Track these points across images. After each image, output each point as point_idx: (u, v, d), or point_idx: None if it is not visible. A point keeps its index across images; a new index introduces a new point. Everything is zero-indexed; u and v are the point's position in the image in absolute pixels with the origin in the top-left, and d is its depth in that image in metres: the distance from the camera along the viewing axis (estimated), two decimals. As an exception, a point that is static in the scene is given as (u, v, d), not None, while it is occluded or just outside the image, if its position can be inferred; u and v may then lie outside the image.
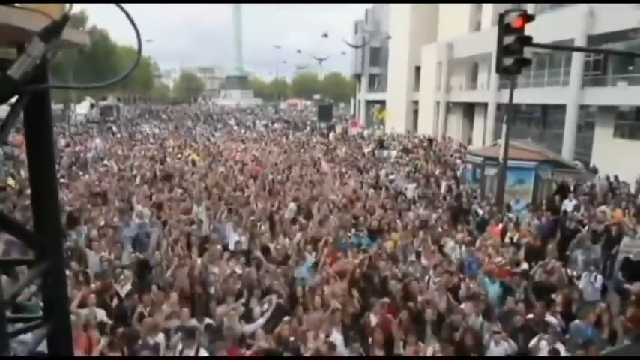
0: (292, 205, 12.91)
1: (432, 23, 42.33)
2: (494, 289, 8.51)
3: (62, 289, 1.95)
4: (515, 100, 19.30)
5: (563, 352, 6.35)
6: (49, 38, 1.55)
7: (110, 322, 6.79)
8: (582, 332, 6.87)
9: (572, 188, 16.75)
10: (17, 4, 1.59)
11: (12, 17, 1.54)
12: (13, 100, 1.58)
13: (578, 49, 23.03)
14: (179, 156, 23.86)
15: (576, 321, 7.14)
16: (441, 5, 41.68)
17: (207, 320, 6.83)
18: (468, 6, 37.91)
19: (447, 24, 40.65)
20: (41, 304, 2.04)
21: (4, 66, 1.53)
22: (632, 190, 17.78)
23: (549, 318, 7.30)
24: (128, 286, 7.95)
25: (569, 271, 10.10)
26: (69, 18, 1.59)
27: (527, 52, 7.74)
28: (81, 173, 18.96)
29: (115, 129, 39.43)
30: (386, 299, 7.52)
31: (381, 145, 31.33)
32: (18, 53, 1.64)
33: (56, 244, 1.89)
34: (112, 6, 1.62)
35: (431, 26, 42.30)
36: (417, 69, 44.34)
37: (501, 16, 7.25)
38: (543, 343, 6.50)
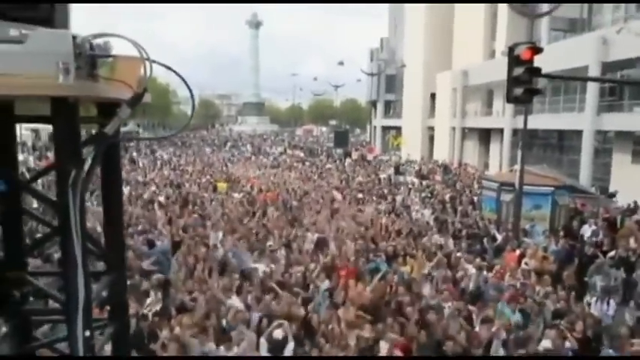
0: (311, 236, 13.03)
1: (446, 51, 42.90)
2: (514, 318, 8.49)
3: (124, 297, 2.47)
4: (531, 126, 19.42)
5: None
6: (134, 105, 2.07)
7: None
8: None
9: (591, 214, 16.67)
10: (103, 76, 2.10)
11: (101, 90, 2.07)
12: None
13: (589, 79, 23.17)
14: (198, 182, 24.29)
15: (609, 350, 7.12)
16: (455, 33, 42.30)
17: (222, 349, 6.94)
18: (481, 34, 38.41)
19: (461, 52, 41.16)
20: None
21: (86, 121, 2.16)
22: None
23: (566, 344, 7.29)
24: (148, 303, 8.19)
25: (588, 298, 10.09)
26: (147, 90, 2.10)
27: (543, 79, 7.96)
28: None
29: (134, 154, 40.28)
30: (398, 337, 7.49)
31: (397, 170, 31.50)
32: (97, 109, 2.21)
33: (121, 259, 2.39)
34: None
35: (445, 54, 42.86)
36: (432, 96, 44.75)
37: (511, 48, 7.50)
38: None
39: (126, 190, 21.53)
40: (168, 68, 2.32)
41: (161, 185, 22.56)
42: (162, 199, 18.55)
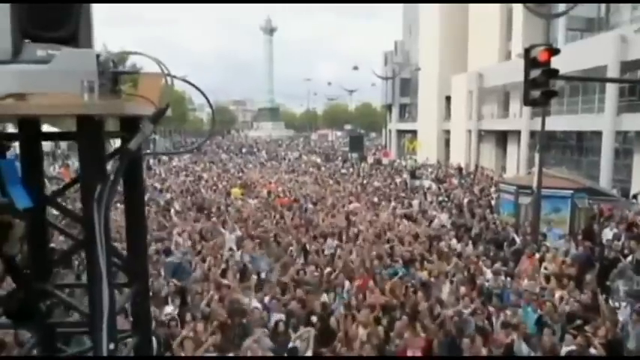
0: (330, 242, 13.05)
1: (461, 53, 42.62)
2: (532, 319, 8.41)
3: (147, 308, 2.51)
4: (549, 128, 19.20)
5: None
6: (157, 121, 2.15)
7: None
8: None
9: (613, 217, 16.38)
10: (125, 92, 2.20)
11: (124, 107, 2.14)
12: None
13: (607, 80, 22.79)
14: (214, 188, 24.50)
15: None
16: (470, 35, 42.01)
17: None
18: (497, 35, 38.09)
19: (476, 54, 40.86)
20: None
21: (110, 136, 2.24)
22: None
23: (591, 350, 7.18)
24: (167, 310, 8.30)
25: (610, 302, 9.90)
26: (169, 106, 2.19)
27: (560, 81, 7.87)
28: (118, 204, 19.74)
29: (151, 161, 40.75)
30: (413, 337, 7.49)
31: (412, 174, 31.36)
32: (120, 123, 2.29)
33: (144, 271, 2.45)
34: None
35: (460, 56, 42.59)
36: (448, 98, 44.48)
37: (527, 50, 7.43)
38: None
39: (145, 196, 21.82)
40: (188, 83, 2.40)
41: (177, 192, 22.78)
42: (177, 206, 18.75)
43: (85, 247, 2.02)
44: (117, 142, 2.40)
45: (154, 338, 7.15)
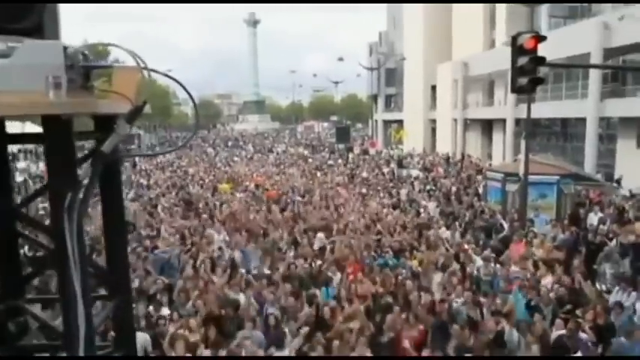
0: (320, 236, 12.98)
1: (445, 42, 42.63)
2: (522, 305, 8.45)
3: (130, 322, 2.32)
4: (534, 115, 19.30)
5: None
6: (133, 120, 1.95)
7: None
8: (628, 350, 6.76)
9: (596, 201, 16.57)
10: (98, 89, 2.00)
11: (96, 105, 1.96)
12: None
13: (592, 66, 22.93)
14: (201, 182, 24.26)
15: (621, 339, 7.03)
16: (455, 24, 42.02)
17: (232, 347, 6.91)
18: (481, 24, 38.14)
19: (460, 43, 40.90)
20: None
21: (82, 137, 2.03)
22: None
23: (580, 334, 7.23)
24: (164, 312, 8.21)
25: (597, 286, 10.00)
26: (146, 103, 1.98)
27: (544, 68, 7.85)
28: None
29: (136, 158, 40.26)
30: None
31: (399, 164, 31.39)
32: (95, 123, 2.06)
33: (125, 283, 2.27)
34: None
35: (445, 45, 42.59)
36: (433, 88, 44.53)
37: (514, 38, 7.39)
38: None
39: (131, 193, 21.57)
40: (168, 77, 2.24)
41: (164, 188, 22.53)
42: (164, 201, 18.53)
43: (55, 261, 1.82)
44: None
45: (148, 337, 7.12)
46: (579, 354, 6.60)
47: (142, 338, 6.95)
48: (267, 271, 10.20)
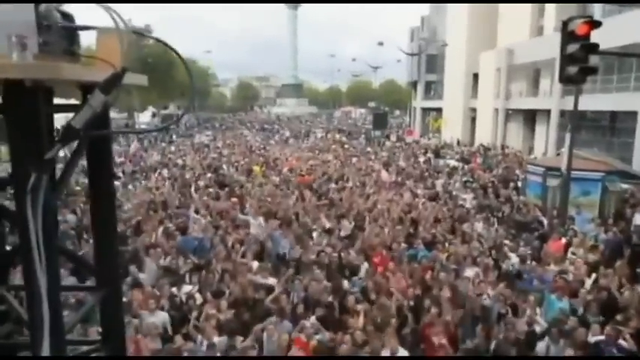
0: (346, 223, 12.84)
1: (490, 29, 41.21)
2: (562, 306, 8.10)
3: (119, 316, 2.11)
4: (581, 107, 18.40)
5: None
6: (109, 90, 1.65)
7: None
8: None
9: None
10: (83, 56, 1.73)
11: (78, 73, 1.69)
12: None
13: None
14: (236, 165, 24.44)
15: None
16: (501, 10, 40.54)
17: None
18: (529, 10, 36.67)
19: (506, 29, 39.46)
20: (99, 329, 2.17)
21: (66, 109, 1.69)
22: None
23: (620, 341, 6.88)
24: (187, 289, 8.31)
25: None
26: (127, 69, 1.69)
27: (595, 57, 7.37)
28: (143, 181, 19.92)
29: (175, 137, 41.03)
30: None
31: (436, 154, 30.77)
32: (82, 95, 1.76)
33: (114, 274, 2.04)
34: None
35: (489, 32, 41.20)
36: (475, 76, 43.28)
37: (565, 23, 6.93)
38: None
39: (165, 172, 21.96)
40: (157, 39, 1.96)
41: (199, 169, 22.81)
42: (200, 183, 18.75)
43: (19, 249, 1.59)
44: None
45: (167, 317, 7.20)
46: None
47: (162, 317, 7.03)
48: (296, 257, 10.17)
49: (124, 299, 7.49)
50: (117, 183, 18.41)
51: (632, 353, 6.78)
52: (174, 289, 8.21)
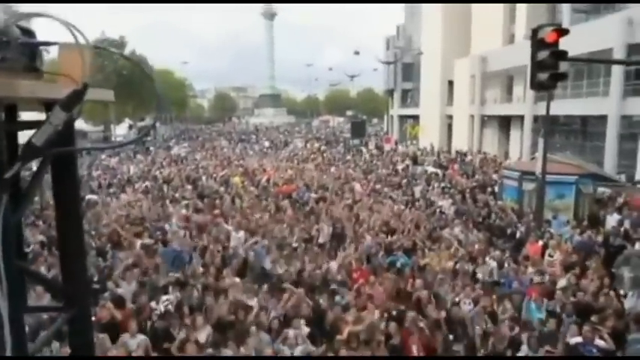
0: (326, 229, 12.81)
1: (464, 37, 41.97)
2: (539, 315, 8.19)
3: (88, 336, 2.04)
4: (553, 112, 18.79)
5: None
6: (70, 107, 1.62)
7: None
8: None
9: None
10: (45, 72, 1.69)
11: (38, 90, 1.65)
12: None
13: (615, 62, 22.31)
14: (214, 176, 24.24)
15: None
16: (473, 19, 41.33)
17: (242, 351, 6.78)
18: (500, 19, 37.46)
19: (479, 37, 40.24)
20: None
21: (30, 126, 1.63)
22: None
23: (598, 341, 6.98)
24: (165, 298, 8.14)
25: (614, 291, 9.69)
26: (88, 86, 1.66)
27: (565, 63, 7.55)
28: (119, 193, 19.61)
29: (152, 149, 40.57)
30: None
31: (414, 161, 31.03)
32: (46, 111, 1.72)
33: (82, 294, 1.98)
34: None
35: (463, 40, 41.95)
36: (450, 83, 43.94)
37: (534, 31, 7.10)
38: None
39: (144, 185, 21.66)
40: (122, 56, 1.92)
41: (177, 181, 22.56)
42: (178, 195, 18.54)
43: None
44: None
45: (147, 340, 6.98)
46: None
47: (142, 340, 6.83)
48: (280, 271, 10.02)
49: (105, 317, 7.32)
50: (94, 197, 18.08)
51: (611, 353, 6.89)
52: (153, 304, 8.05)
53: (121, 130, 55.05)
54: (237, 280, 9.25)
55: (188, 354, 6.45)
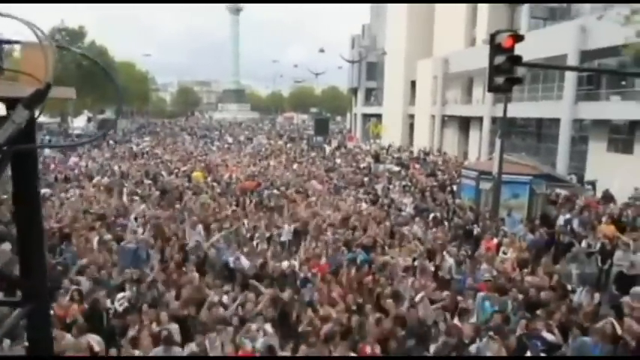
0: (287, 228, 12.85)
1: (427, 38, 42.76)
2: (491, 310, 8.45)
3: (47, 331, 2.05)
4: (510, 114, 19.46)
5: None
6: (33, 106, 1.65)
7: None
8: (589, 350, 6.73)
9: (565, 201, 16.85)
10: (7, 70, 1.72)
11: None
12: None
13: (568, 68, 23.25)
14: (176, 171, 23.86)
15: (584, 338, 7.04)
16: (437, 21, 42.15)
17: (193, 347, 6.74)
18: (462, 22, 38.34)
19: (442, 39, 41.06)
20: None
21: None
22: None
23: (545, 334, 7.28)
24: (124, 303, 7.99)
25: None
26: (51, 85, 1.68)
27: (522, 68, 7.83)
28: (77, 189, 19.01)
29: (112, 143, 39.50)
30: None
31: (376, 159, 31.43)
32: (6, 109, 1.74)
33: (41, 288, 1.99)
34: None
35: (426, 41, 42.74)
36: (413, 83, 44.70)
37: (492, 36, 7.35)
38: None
39: (104, 180, 21.10)
40: (83, 55, 1.99)
41: (137, 176, 22.08)
42: (139, 190, 18.16)
43: None
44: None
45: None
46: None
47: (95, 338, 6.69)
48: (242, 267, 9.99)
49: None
50: (49, 191, 17.45)
51: (558, 345, 7.21)
52: (108, 302, 7.90)
53: (79, 123, 53.29)
54: (196, 275, 9.17)
55: (144, 348, 6.38)
